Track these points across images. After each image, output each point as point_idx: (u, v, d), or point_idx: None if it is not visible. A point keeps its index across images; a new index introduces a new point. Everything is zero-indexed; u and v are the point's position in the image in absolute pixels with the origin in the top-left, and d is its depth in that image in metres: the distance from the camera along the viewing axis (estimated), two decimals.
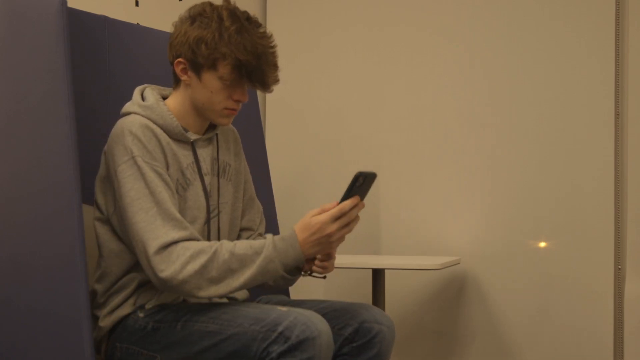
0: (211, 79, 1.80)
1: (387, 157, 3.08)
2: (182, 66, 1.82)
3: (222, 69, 1.78)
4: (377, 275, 2.65)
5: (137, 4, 2.71)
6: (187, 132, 1.87)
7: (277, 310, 1.69)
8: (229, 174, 1.97)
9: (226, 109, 1.84)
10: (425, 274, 3.02)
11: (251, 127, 2.46)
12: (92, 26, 2.10)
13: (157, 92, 1.90)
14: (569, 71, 2.89)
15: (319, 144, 3.24)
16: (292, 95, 3.24)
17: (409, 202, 3.08)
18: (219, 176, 1.93)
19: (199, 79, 1.81)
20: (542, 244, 2.91)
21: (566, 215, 2.87)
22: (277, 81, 1.84)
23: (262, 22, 2.63)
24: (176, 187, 1.81)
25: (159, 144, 1.79)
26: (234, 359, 1.68)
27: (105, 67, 2.13)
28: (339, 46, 3.21)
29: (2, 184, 1.85)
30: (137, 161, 1.74)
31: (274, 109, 3.30)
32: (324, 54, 3.22)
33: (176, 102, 1.87)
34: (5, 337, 1.81)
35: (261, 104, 3.25)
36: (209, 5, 1.82)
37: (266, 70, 1.79)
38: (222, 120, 1.87)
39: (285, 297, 2.13)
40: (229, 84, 1.80)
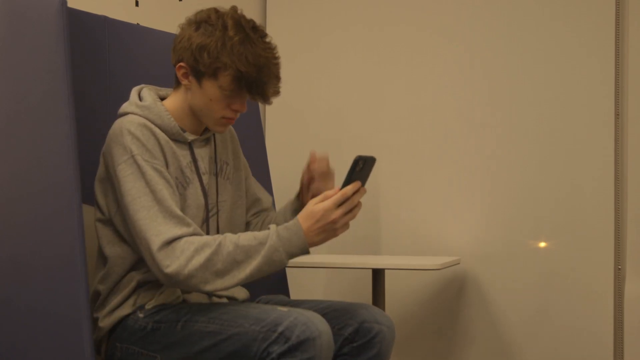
0: (211, 87, 1.80)
1: (387, 157, 3.08)
2: (183, 70, 1.82)
3: (223, 78, 1.78)
4: (377, 275, 2.65)
5: (137, 4, 2.71)
6: (185, 133, 1.87)
7: (278, 310, 1.69)
8: (226, 172, 1.97)
9: (224, 117, 1.84)
10: (425, 274, 3.02)
11: (251, 127, 2.46)
12: (92, 26, 2.10)
13: (154, 92, 1.90)
14: (569, 71, 2.88)
15: (319, 144, 3.21)
16: (292, 95, 3.23)
17: (409, 202, 3.07)
18: (217, 175, 1.93)
19: (200, 85, 1.81)
20: (542, 244, 2.90)
21: (566, 215, 2.87)
22: (277, 93, 1.83)
23: (262, 22, 2.62)
24: (176, 185, 1.80)
25: (158, 142, 1.79)
26: (234, 359, 1.68)
27: (105, 67, 2.13)
28: (339, 46, 3.20)
29: (2, 184, 1.85)
30: (136, 160, 1.74)
31: (274, 108, 3.29)
32: (324, 54, 3.22)
33: (175, 103, 1.87)
34: (5, 337, 1.81)
35: (261, 104, 3.24)
36: (214, 12, 1.80)
37: (267, 82, 1.78)
38: (218, 128, 1.87)
39: (285, 297, 2.13)
40: (229, 94, 1.80)
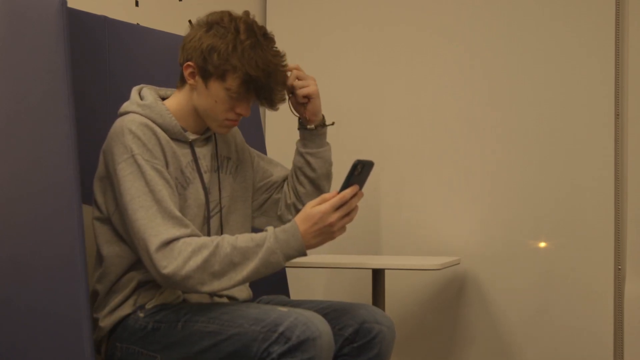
0: (218, 89, 1.80)
1: (387, 157, 3.08)
2: (190, 70, 1.83)
3: (231, 81, 1.78)
4: (377, 275, 2.64)
5: (137, 4, 2.71)
6: (186, 132, 1.87)
7: (278, 310, 1.69)
8: (227, 167, 1.98)
9: (227, 120, 1.85)
10: (425, 274, 3.02)
11: (251, 127, 2.46)
12: (92, 26, 2.10)
13: (154, 91, 1.90)
14: (569, 71, 2.88)
15: None
16: None
17: (409, 202, 3.07)
18: (218, 172, 1.94)
19: (206, 86, 1.82)
20: (542, 244, 2.90)
21: (566, 215, 2.87)
22: (283, 100, 1.87)
23: (262, 22, 2.62)
24: (175, 185, 1.81)
25: (159, 142, 1.79)
26: (235, 359, 1.68)
27: (105, 67, 2.13)
28: (339, 46, 3.20)
29: (2, 184, 1.85)
30: (136, 159, 1.74)
31: None
32: (324, 54, 3.22)
33: (178, 102, 1.88)
34: (5, 337, 1.81)
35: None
36: (227, 15, 1.81)
37: (274, 88, 1.81)
38: (221, 129, 1.88)
39: (285, 298, 2.13)
40: (235, 97, 1.81)
